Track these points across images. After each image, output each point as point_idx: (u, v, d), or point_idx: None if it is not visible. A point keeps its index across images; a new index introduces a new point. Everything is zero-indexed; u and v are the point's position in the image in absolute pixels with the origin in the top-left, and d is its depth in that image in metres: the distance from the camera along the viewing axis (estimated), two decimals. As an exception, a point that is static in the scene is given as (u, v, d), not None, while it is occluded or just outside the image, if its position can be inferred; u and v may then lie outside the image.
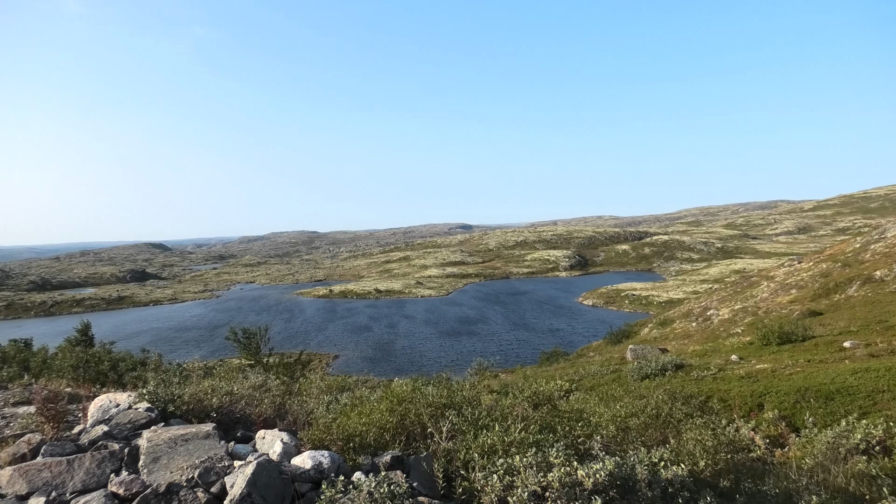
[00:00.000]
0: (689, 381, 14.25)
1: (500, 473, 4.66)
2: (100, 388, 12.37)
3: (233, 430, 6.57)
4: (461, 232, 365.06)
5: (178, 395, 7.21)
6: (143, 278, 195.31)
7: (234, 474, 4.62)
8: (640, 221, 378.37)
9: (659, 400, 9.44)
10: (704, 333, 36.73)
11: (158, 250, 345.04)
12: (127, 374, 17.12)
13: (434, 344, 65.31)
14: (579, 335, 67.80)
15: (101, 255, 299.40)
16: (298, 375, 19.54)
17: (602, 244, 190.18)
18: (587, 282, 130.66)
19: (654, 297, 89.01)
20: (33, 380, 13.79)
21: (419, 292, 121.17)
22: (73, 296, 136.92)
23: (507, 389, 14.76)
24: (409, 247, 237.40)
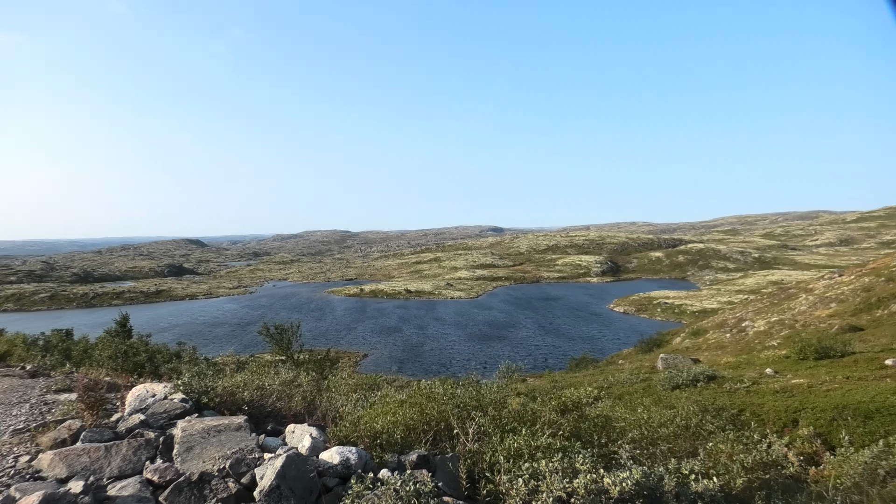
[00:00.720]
0: (721, 393, 13.97)
1: (525, 477, 4.65)
2: (137, 378, 12.73)
3: (263, 424, 6.70)
4: (492, 235, 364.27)
5: (211, 387, 7.38)
6: (180, 273, 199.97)
7: (263, 466, 4.71)
8: (674, 229, 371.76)
9: (689, 411, 9.28)
10: (739, 345, 35.91)
11: (195, 246, 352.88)
12: (163, 365, 17.56)
13: (463, 347, 65.24)
14: (609, 342, 66.95)
15: (141, 250, 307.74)
16: (328, 372, 19.77)
17: (635, 251, 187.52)
18: (619, 288, 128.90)
19: (687, 306, 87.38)
20: (74, 368, 14.27)
21: (449, 294, 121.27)
22: (113, 288, 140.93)
23: (535, 394, 14.69)
24: (439, 248, 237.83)
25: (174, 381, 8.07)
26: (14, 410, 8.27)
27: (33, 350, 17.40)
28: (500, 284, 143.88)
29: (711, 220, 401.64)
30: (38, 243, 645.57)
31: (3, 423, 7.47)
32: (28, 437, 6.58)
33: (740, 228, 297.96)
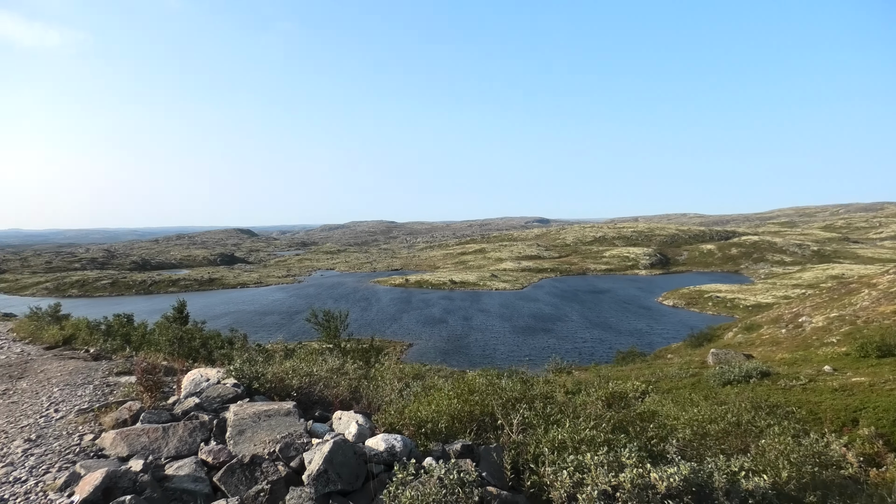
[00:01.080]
0: (775, 390, 13.53)
1: (570, 470, 4.62)
2: (192, 363, 13.20)
3: (311, 410, 6.85)
4: (538, 226, 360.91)
5: (261, 373, 7.59)
6: (231, 262, 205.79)
7: (311, 451, 4.83)
8: (727, 220, 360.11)
9: (741, 407, 9.02)
10: (795, 341, 34.61)
11: (246, 236, 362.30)
12: (216, 351, 18.13)
13: (507, 339, 64.96)
14: (657, 336, 65.55)
15: (195, 239, 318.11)
16: (373, 361, 20.04)
17: (685, 243, 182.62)
18: (668, 281, 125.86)
19: (739, 300, 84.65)
20: (134, 352, 14.90)
21: (494, 285, 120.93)
22: (169, 276, 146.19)
23: (581, 387, 14.55)
24: (484, 239, 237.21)
25: (226, 366, 8.34)
26: (79, 391, 8.70)
27: (96, 334, 18.21)
28: (545, 276, 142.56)
29: (767, 212, 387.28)
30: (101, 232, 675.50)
31: (69, 403, 7.88)
32: (92, 417, 6.92)
33: (798, 220, 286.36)
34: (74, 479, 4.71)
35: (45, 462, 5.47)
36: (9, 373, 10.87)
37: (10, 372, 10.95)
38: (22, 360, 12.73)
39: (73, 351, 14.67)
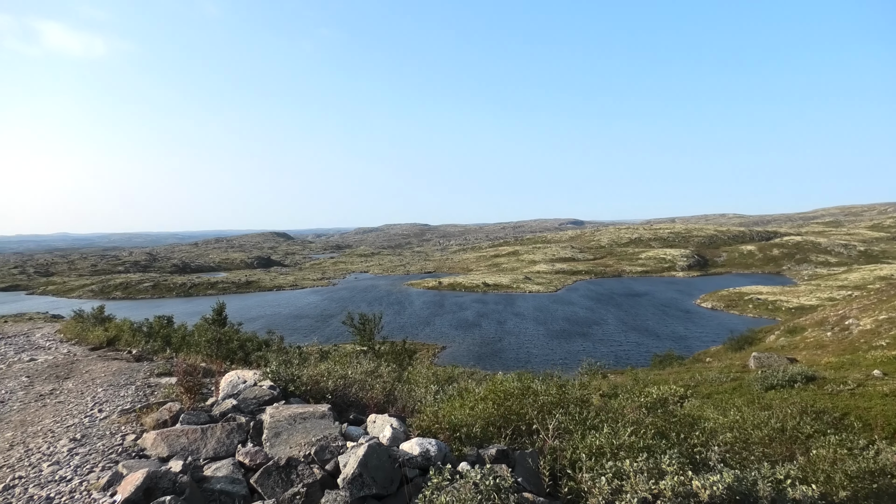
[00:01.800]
0: (821, 395, 13.07)
1: (608, 476, 4.51)
2: (229, 364, 13.43)
3: (346, 413, 6.87)
4: (572, 228, 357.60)
5: (297, 375, 7.65)
6: (268, 265, 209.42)
7: (346, 454, 4.83)
8: (768, 220, 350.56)
9: (786, 413, 8.73)
10: (841, 345, 33.44)
11: (282, 239, 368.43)
12: (253, 353, 18.41)
13: (541, 342, 64.34)
14: (695, 339, 64.17)
15: (233, 243, 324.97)
16: (407, 364, 20.09)
17: (724, 244, 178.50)
18: (706, 283, 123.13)
19: (782, 303, 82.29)
20: (174, 354, 15.24)
21: (527, 287, 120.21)
22: (208, 279, 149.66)
23: (617, 391, 14.30)
24: (518, 241, 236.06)
25: (263, 368, 8.44)
26: (122, 392, 8.93)
27: (138, 336, 18.69)
28: (579, 278, 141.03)
29: (810, 212, 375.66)
30: (143, 235, 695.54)
31: (113, 404, 8.09)
32: (133, 417, 7.08)
33: (843, 220, 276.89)
34: (117, 479, 4.81)
35: (90, 461, 5.61)
36: (56, 373, 11.23)
37: (58, 372, 11.31)
38: (68, 360, 13.13)
39: (117, 352, 15.09)
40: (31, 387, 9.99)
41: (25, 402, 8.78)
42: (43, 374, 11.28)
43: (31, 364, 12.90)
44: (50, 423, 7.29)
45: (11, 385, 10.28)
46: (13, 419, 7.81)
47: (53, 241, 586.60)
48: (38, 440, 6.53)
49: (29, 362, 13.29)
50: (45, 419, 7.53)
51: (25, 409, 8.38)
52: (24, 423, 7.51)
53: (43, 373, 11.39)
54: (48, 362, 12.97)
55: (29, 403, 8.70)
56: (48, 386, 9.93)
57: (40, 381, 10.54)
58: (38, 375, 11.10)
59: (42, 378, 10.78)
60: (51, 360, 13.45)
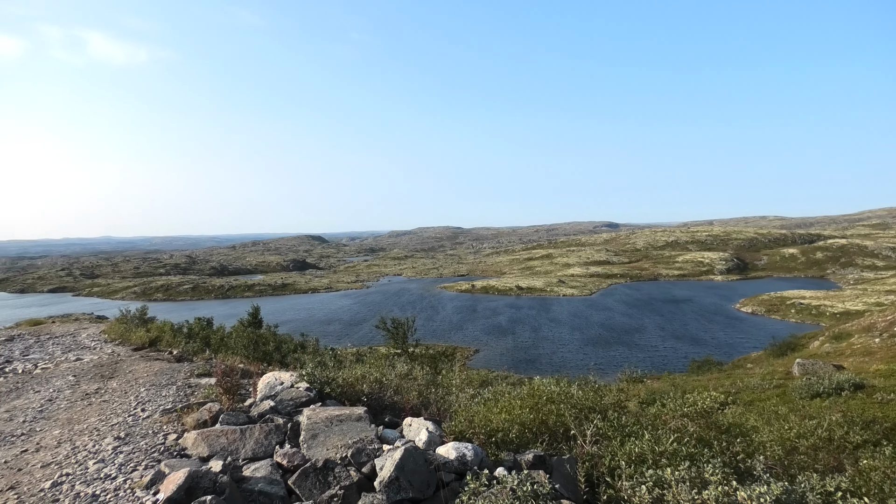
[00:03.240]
0: (871, 404, 12.59)
1: (649, 485, 4.41)
2: (266, 366, 13.62)
3: (381, 415, 6.89)
4: (607, 230, 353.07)
5: (333, 378, 7.71)
6: (303, 267, 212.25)
7: (383, 457, 4.83)
8: (811, 223, 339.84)
9: (832, 422, 8.42)
10: (891, 351, 32.18)
11: (317, 242, 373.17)
12: (289, 355, 18.63)
13: (576, 346, 63.30)
14: (735, 344, 62.54)
15: (269, 246, 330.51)
16: (441, 367, 20.09)
17: (765, 247, 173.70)
18: (746, 287, 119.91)
19: (826, 308, 79.60)
20: (213, 355, 15.54)
21: (561, 291, 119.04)
22: (245, 281, 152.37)
23: (654, 397, 14.02)
24: (551, 244, 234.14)
25: (299, 370, 8.53)
26: (163, 392, 9.13)
27: (178, 337, 19.11)
28: (615, 282, 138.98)
29: (856, 213, 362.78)
30: (183, 239, 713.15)
31: (155, 403, 8.27)
32: (175, 417, 7.23)
33: (892, 222, 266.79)
34: (159, 478, 4.91)
35: (133, 460, 5.74)
36: (101, 372, 11.56)
37: (102, 372, 11.64)
38: (112, 360, 13.51)
39: (158, 352, 15.46)
40: (77, 386, 10.30)
41: (72, 401, 9.06)
42: (89, 373, 11.63)
43: (77, 363, 13.32)
44: (95, 421, 7.50)
45: (59, 384, 10.62)
46: (61, 417, 8.06)
47: (98, 245, 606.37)
48: (84, 438, 6.72)
49: (75, 362, 13.72)
50: (91, 417, 7.75)
51: (72, 407, 8.64)
52: (71, 420, 7.75)
53: (88, 372, 11.74)
54: (93, 362, 13.37)
55: (75, 402, 8.97)
56: (94, 385, 10.22)
57: (86, 380, 10.86)
58: (84, 374, 11.45)
59: (88, 377, 11.11)
60: (96, 359, 13.86)
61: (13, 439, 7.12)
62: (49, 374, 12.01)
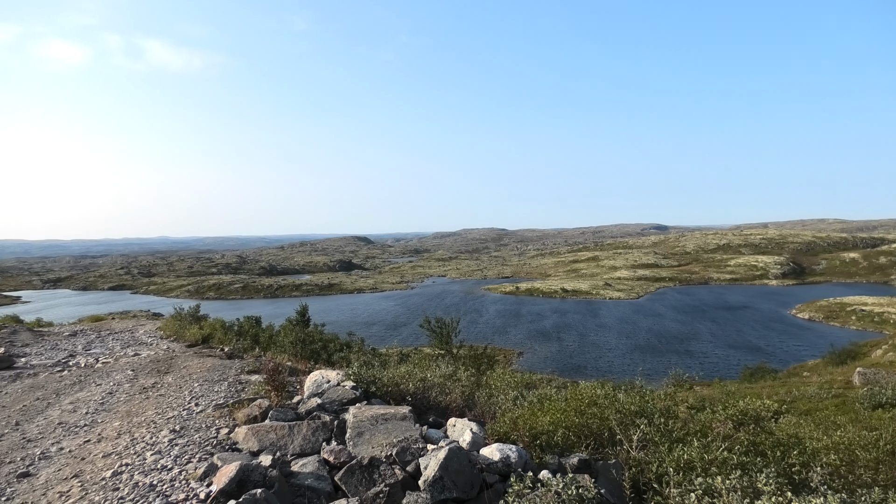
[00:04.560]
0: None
1: (698, 493, 4.30)
2: (313, 364, 13.89)
3: (425, 415, 6.94)
4: (655, 233, 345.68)
5: (378, 377, 7.80)
6: (349, 268, 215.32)
7: (427, 457, 4.87)
8: (874, 226, 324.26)
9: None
10: (960, 361, 30.47)
11: (363, 243, 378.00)
12: (335, 354, 18.94)
13: (622, 353, 61.95)
14: (791, 352, 60.22)
15: (316, 246, 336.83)
16: (485, 368, 20.05)
17: (823, 251, 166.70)
18: (803, 292, 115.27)
19: (889, 315, 75.80)
20: (262, 352, 15.94)
21: (607, 294, 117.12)
22: (293, 281, 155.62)
23: (704, 403, 13.66)
24: (598, 247, 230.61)
25: (345, 369, 8.67)
26: (216, 387, 9.43)
27: (229, 334, 19.68)
28: (663, 285, 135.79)
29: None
30: (234, 239, 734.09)
31: (207, 398, 8.55)
32: (226, 412, 7.46)
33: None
34: (212, 470, 5.08)
35: (188, 452, 5.95)
36: (158, 367, 12.02)
37: (159, 367, 12.10)
38: (168, 356, 14.02)
39: (210, 349, 15.96)
40: (135, 380, 10.75)
41: (131, 394, 9.46)
42: (146, 368, 12.11)
43: (135, 358, 13.89)
44: (152, 414, 7.81)
45: (119, 378, 11.10)
46: (120, 409, 8.43)
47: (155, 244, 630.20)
48: (142, 430, 7.00)
49: (133, 357, 14.30)
50: (148, 410, 8.07)
51: (131, 400, 9.02)
52: (130, 413, 8.09)
53: (146, 367, 12.23)
54: (150, 357, 13.91)
55: (134, 395, 9.36)
56: (150, 379, 10.64)
57: (143, 374, 11.32)
58: (141, 369, 11.93)
59: (145, 372, 11.58)
60: (152, 355, 14.42)
61: (77, 430, 7.49)
62: (109, 368, 12.56)
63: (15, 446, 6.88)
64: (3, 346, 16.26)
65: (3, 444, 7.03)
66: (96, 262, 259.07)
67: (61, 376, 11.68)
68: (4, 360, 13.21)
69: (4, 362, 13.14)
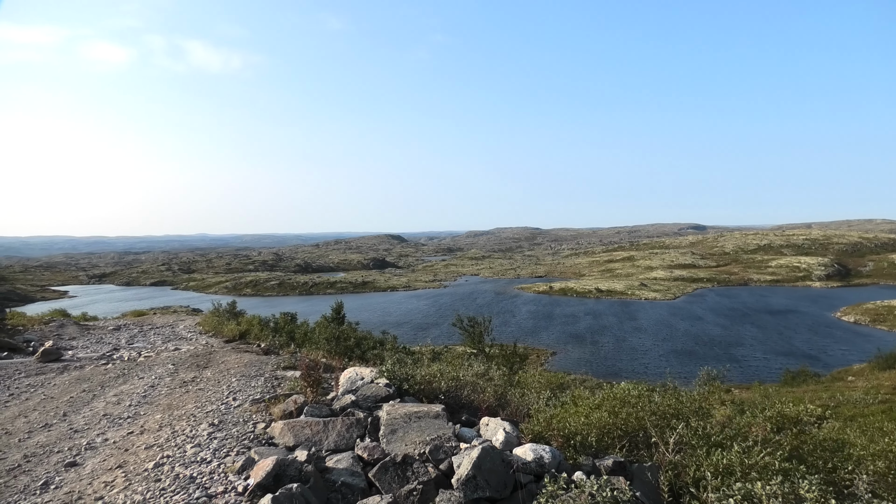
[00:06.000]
0: None
1: (737, 499, 4.20)
2: (347, 361, 14.04)
3: (458, 414, 6.94)
4: (693, 233, 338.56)
5: (411, 375, 7.84)
6: (382, 266, 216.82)
7: (460, 455, 4.87)
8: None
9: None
10: None
11: (396, 241, 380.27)
12: (369, 351, 19.13)
13: (657, 355, 60.74)
14: (835, 355, 58.26)
15: (351, 244, 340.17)
16: (517, 367, 19.96)
17: (870, 252, 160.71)
18: (849, 295, 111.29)
19: (941, 318, 72.91)
20: (297, 349, 16.18)
21: (643, 294, 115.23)
22: (328, 279, 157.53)
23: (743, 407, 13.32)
24: (633, 246, 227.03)
25: (379, 366, 8.74)
26: (252, 382, 9.61)
27: (265, 331, 20.03)
28: (701, 286, 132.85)
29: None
30: (270, 237, 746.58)
31: (245, 393, 8.72)
32: (263, 407, 7.59)
33: None
34: (250, 464, 5.19)
35: (226, 446, 6.09)
36: (197, 362, 12.31)
37: (198, 361, 12.39)
38: (207, 351, 14.36)
39: (248, 345, 16.28)
40: (176, 374, 11.03)
41: (171, 388, 9.71)
42: (186, 362, 12.42)
43: (175, 353, 14.25)
44: (192, 408, 8.00)
45: (160, 371, 11.42)
46: (161, 402, 8.67)
47: (194, 242, 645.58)
48: (182, 423, 7.19)
49: (174, 351, 14.68)
50: (188, 404, 8.27)
51: (172, 393, 9.27)
52: (171, 406, 8.31)
53: (186, 361, 12.54)
54: (190, 352, 14.26)
55: (174, 389, 9.61)
56: (190, 374, 10.91)
57: (183, 368, 11.61)
58: (181, 364, 12.24)
59: (185, 366, 11.87)
60: (192, 349, 14.78)
61: (121, 421, 7.73)
62: (151, 362, 12.92)
63: (63, 436, 7.13)
64: (52, 339, 16.90)
65: (52, 434, 7.30)
66: (139, 258, 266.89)
67: (106, 369, 12.07)
68: (53, 353, 13.72)
69: (53, 355, 13.65)
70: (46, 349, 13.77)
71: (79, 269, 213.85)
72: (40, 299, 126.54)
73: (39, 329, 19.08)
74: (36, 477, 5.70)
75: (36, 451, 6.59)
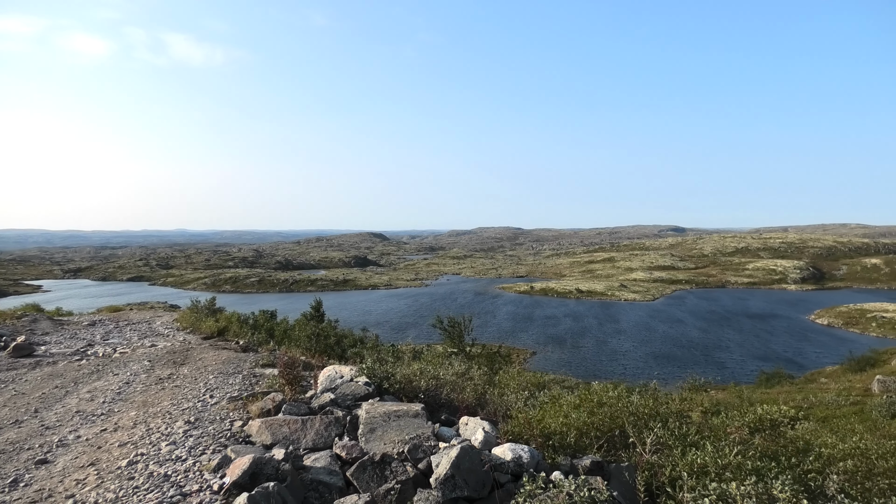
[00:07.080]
0: (960, 427, 11.70)
1: (712, 498, 4.25)
2: (326, 359, 13.96)
3: (437, 413, 6.94)
4: (672, 235, 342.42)
5: (391, 373, 7.81)
6: (364, 264, 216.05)
7: (439, 455, 4.87)
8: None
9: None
10: (984, 371, 29.84)
11: (378, 239, 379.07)
12: (349, 349, 19.03)
13: (636, 357, 61.40)
14: (808, 357, 59.43)
15: (332, 242, 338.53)
16: (498, 367, 19.99)
17: (844, 256, 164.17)
18: (822, 298, 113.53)
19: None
20: (276, 346, 16.04)
21: (622, 295, 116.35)
22: (308, 276, 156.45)
23: (720, 407, 13.52)
24: (614, 248, 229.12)
25: (359, 365, 8.70)
26: (230, 380, 9.51)
27: (244, 328, 19.80)
28: (679, 288, 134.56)
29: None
30: (251, 233, 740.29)
31: (222, 391, 8.63)
32: (240, 405, 7.52)
33: None
34: (226, 462, 5.13)
35: (202, 444, 6.02)
36: (173, 359, 12.15)
37: (175, 358, 12.23)
38: (184, 347, 14.16)
39: (226, 342, 16.09)
40: (152, 371, 10.87)
41: (147, 385, 9.57)
42: (162, 359, 12.24)
43: (152, 349, 14.04)
44: (168, 405, 7.89)
45: (135, 368, 11.24)
46: (137, 399, 8.53)
47: (173, 237, 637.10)
48: (157, 420, 7.09)
49: (150, 348, 14.46)
50: (164, 401, 8.16)
51: (147, 390, 9.13)
52: (146, 403, 8.18)
53: (162, 358, 12.36)
54: (166, 348, 14.05)
55: (150, 386, 9.47)
56: (167, 371, 10.76)
57: (160, 365, 11.44)
58: (158, 360, 12.06)
59: (161, 363, 11.71)
60: (169, 346, 14.57)
61: (94, 418, 7.60)
62: (126, 358, 12.72)
63: (33, 433, 6.99)
64: (24, 334, 16.54)
65: (23, 430, 7.15)
66: (116, 253, 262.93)
67: (80, 365, 11.85)
68: (25, 348, 13.44)
69: (25, 350, 13.36)
70: (18, 344, 13.47)
71: (53, 263, 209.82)
72: (13, 293, 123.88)
73: (11, 324, 18.66)
74: (5, 474, 5.57)
75: (5, 447, 6.45)
